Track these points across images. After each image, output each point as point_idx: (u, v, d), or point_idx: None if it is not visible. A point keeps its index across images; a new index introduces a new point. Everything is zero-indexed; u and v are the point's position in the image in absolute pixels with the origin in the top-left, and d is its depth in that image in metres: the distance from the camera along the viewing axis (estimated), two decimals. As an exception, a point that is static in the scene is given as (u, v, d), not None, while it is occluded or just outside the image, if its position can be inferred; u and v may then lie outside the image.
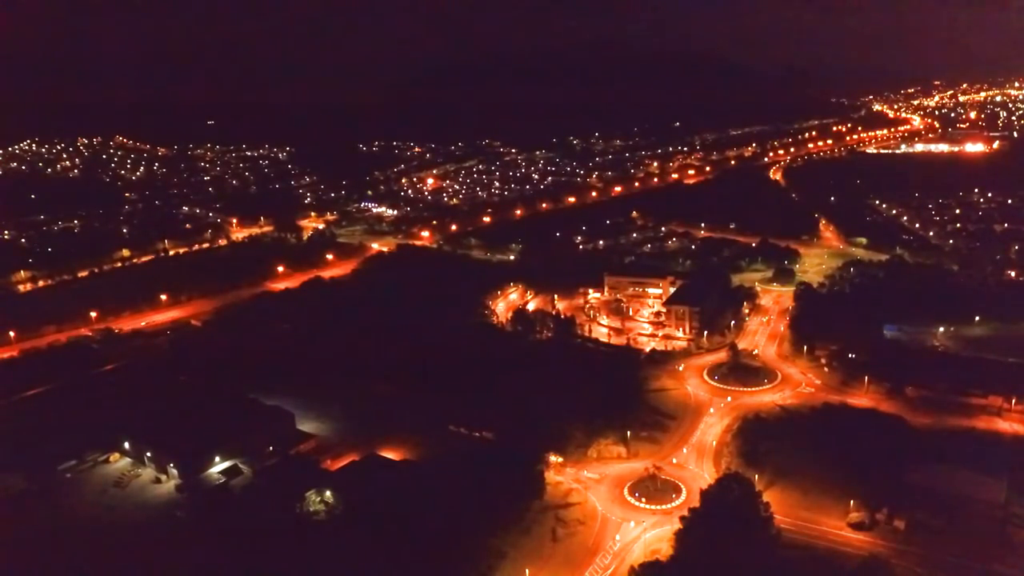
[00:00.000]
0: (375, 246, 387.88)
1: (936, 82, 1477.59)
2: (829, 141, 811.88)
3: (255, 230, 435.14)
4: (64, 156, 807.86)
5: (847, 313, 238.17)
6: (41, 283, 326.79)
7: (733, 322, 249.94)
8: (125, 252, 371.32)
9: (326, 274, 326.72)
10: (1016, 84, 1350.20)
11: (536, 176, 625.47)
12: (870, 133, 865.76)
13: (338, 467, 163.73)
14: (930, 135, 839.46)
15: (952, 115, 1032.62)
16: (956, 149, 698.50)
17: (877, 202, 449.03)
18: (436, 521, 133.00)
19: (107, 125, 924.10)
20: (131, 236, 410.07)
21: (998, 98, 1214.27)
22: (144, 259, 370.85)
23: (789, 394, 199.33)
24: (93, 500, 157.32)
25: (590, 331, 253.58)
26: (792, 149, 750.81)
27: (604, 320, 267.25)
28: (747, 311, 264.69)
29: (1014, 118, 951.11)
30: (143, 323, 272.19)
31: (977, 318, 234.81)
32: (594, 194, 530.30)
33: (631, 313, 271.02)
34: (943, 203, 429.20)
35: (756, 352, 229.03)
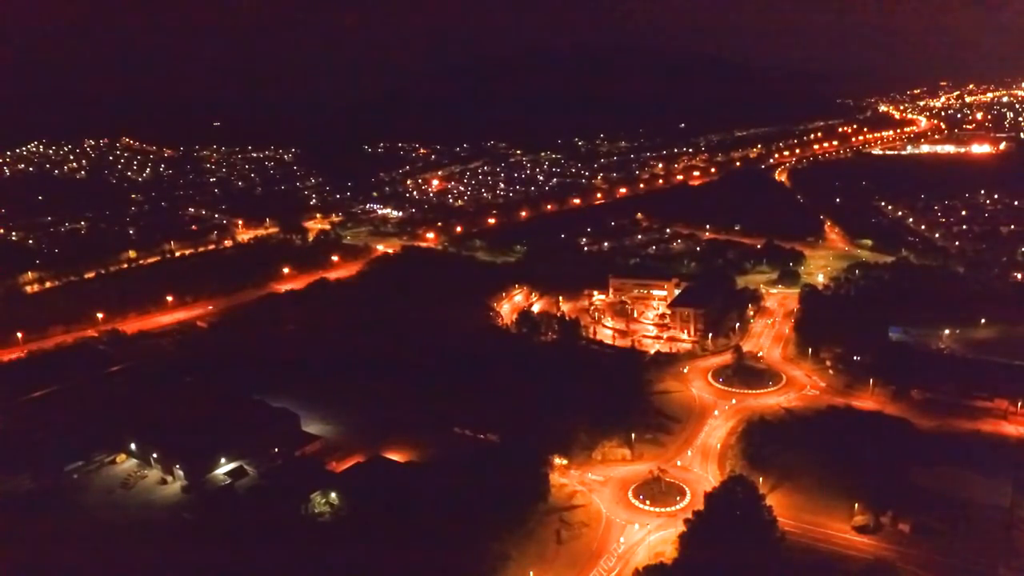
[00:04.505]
0: (380, 247, 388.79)
1: (942, 83, 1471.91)
2: (835, 142, 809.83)
3: (261, 231, 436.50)
4: (71, 157, 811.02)
5: (852, 315, 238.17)
6: (48, 284, 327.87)
7: (738, 324, 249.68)
8: (131, 253, 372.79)
9: (331, 275, 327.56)
10: (1023, 85, 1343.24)
11: (541, 177, 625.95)
12: (876, 134, 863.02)
13: (343, 469, 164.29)
14: (936, 136, 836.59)
15: (958, 116, 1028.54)
16: (962, 150, 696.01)
17: (883, 204, 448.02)
18: (440, 523, 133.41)
19: (114, 126, 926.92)
20: (137, 237, 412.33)
21: (1005, 99, 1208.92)
22: (150, 260, 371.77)
23: (794, 396, 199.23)
24: (100, 501, 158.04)
25: (595, 333, 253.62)
26: (797, 150, 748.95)
27: (609, 322, 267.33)
28: (752, 313, 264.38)
29: (1021, 119, 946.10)
30: (149, 324, 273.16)
31: (983, 320, 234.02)
32: (599, 195, 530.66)
33: (636, 315, 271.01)
34: (949, 205, 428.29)
35: (761, 354, 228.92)
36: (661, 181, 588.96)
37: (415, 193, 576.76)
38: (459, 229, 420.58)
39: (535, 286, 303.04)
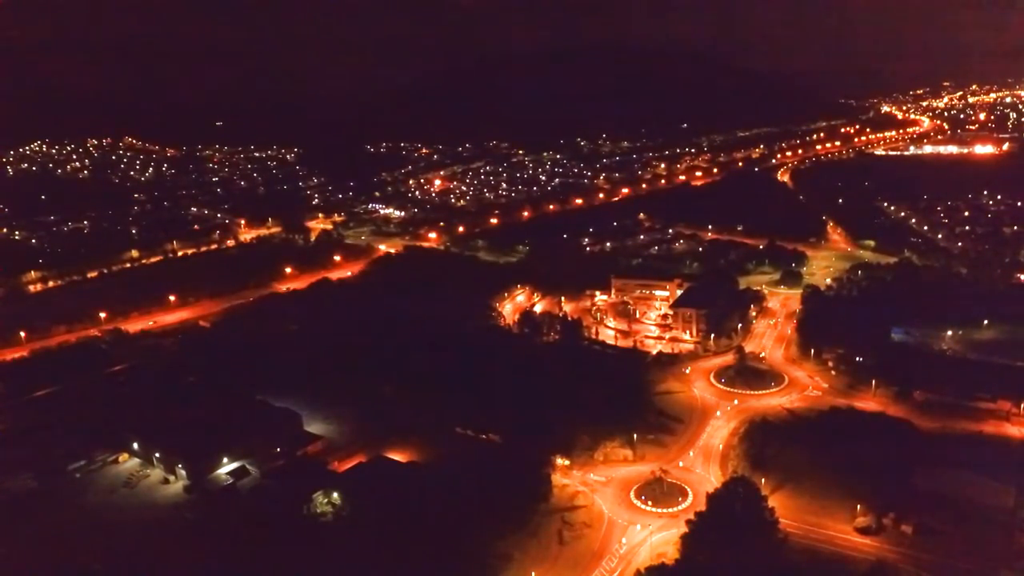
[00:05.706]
0: (382, 247, 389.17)
1: (945, 83, 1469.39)
2: (837, 143, 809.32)
3: (263, 231, 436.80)
4: (74, 157, 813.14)
5: (854, 316, 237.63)
6: (51, 283, 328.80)
7: (740, 325, 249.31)
8: (134, 253, 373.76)
9: (333, 275, 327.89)
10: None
11: (543, 177, 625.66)
12: (878, 135, 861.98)
13: (345, 469, 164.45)
14: (939, 137, 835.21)
15: (961, 116, 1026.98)
16: (965, 151, 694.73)
17: (885, 204, 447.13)
18: (442, 523, 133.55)
19: (116, 126, 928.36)
20: (140, 237, 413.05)
21: (1008, 99, 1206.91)
22: (153, 260, 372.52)
23: (796, 397, 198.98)
24: (102, 500, 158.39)
25: (597, 333, 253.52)
26: (800, 151, 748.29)
27: (611, 322, 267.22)
28: (754, 314, 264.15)
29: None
30: (151, 323, 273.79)
31: (986, 321, 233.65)
32: (601, 196, 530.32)
33: (638, 315, 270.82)
34: (952, 205, 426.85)
35: (763, 355, 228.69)
36: (663, 181, 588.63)
37: (417, 193, 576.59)
38: (461, 229, 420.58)
39: (537, 286, 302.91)
